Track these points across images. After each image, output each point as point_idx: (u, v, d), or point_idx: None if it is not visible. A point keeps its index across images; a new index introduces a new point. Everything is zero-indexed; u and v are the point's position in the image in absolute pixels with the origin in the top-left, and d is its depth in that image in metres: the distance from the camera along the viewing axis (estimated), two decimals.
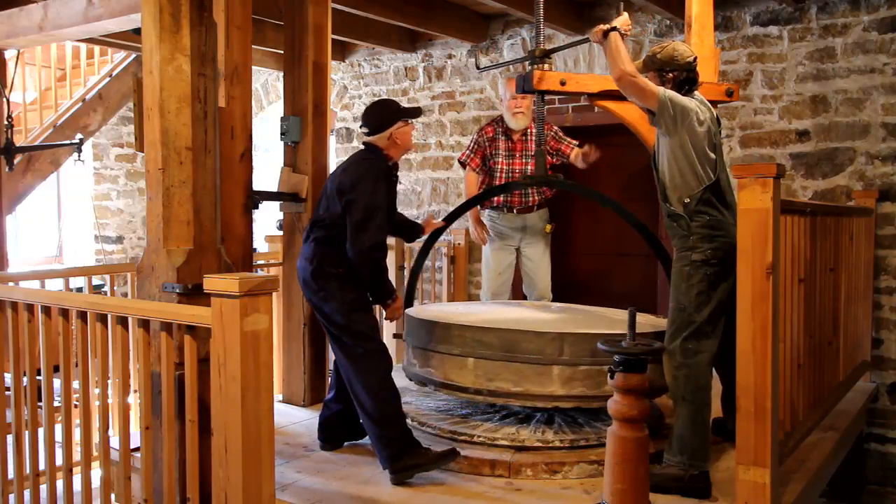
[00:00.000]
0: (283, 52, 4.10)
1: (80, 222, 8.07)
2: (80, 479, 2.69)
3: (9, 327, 2.93)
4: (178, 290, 2.70)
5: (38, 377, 2.96)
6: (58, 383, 2.91)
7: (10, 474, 3.02)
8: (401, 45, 6.42)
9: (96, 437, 3.11)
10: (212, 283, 2.18)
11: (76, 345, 2.77)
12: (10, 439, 2.99)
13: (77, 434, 2.78)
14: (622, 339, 2.43)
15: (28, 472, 2.95)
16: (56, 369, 2.91)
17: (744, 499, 2.56)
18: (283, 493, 2.83)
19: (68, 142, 5.90)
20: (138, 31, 2.90)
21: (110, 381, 3.47)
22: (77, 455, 2.86)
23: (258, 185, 3.61)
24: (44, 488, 2.87)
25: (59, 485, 2.84)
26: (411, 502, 2.82)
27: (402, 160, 6.34)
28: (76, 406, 2.81)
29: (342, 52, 6.89)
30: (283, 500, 2.78)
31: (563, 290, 5.01)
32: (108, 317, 2.64)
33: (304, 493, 2.88)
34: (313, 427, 3.47)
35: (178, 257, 2.73)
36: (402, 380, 3.59)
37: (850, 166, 4.82)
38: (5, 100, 5.08)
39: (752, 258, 2.52)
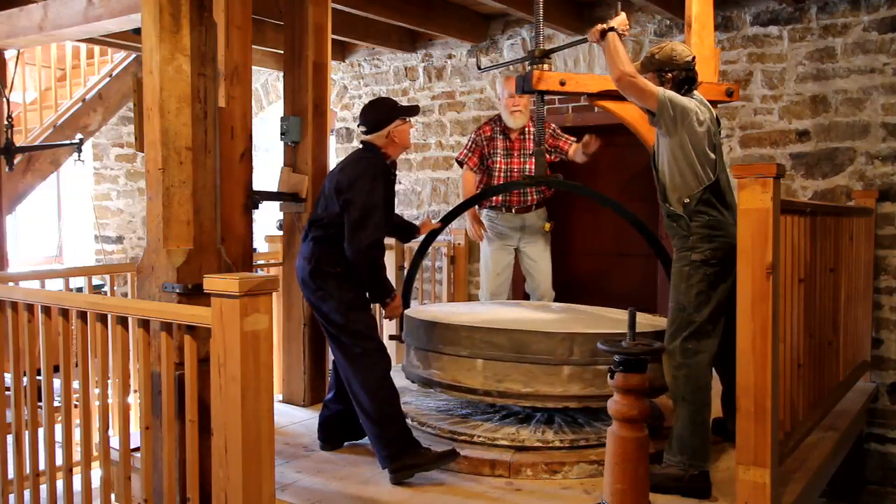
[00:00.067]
0: (283, 52, 4.10)
1: (80, 222, 8.08)
2: (80, 479, 2.69)
3: (9, 327, 2.93)
4: (178, 290, 2.70)
5: (38, 377, 2.96)
6: (58, 383, 2.91)
7: (10, 474, 3.02)
8: (401, 45, 6.42)
9: (96, 437, 3.10)
10: (212, 283, 2.18)
11: (76, 345, 2.77)
12: (10, 439, 2.99)
13: (77, 434, 2.78)
14: (622, 338, 2.43)
15: (28, 472, 2.95)
16: (56, 369, 2.91)
17: (744, 499, 2.56)
18: (283, 493, 2.83)
19: (68, 142, 5.89)
20: (138, 31, 2.90)
21: (110, 381, 3.47)
22: (77, 455, 2.86)
23: (258, 185, 3.61)
24: (44, 488, 2.87)
25: (59, 485, 2.84)
26: (411, 502, 2.82)
27: (402, 160, 6.36)
28: (76, 406, 2.81)
29: (342, 52, 6.89)
30: (283, 500, 2.78)
31: (563, 289, 5.01)
32: (108, 317, 2.64)
33: (304, 493, 2.88)
34: (313, 427, 3.47)
35: (178, 257, 2.73)
36: (402, 380, 3.59)
37: (850, 166, 4.82)
38: (5, 100, 5.08)
39: (752, 258, 2.52)
